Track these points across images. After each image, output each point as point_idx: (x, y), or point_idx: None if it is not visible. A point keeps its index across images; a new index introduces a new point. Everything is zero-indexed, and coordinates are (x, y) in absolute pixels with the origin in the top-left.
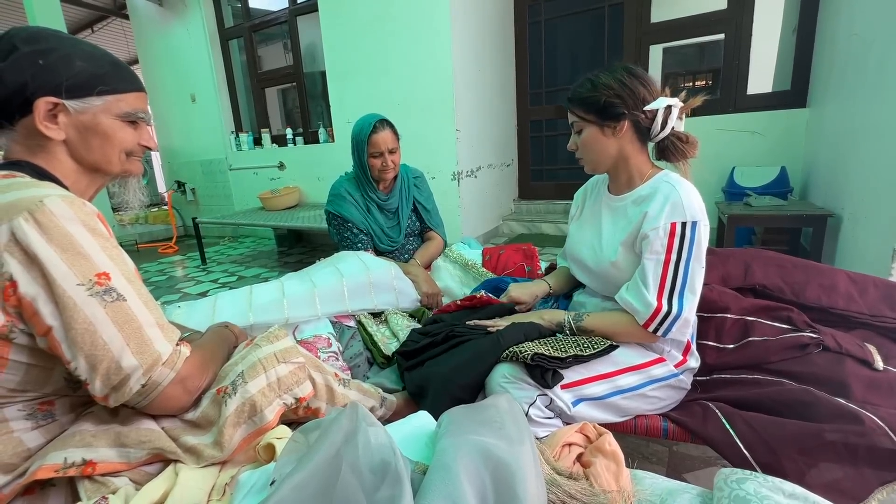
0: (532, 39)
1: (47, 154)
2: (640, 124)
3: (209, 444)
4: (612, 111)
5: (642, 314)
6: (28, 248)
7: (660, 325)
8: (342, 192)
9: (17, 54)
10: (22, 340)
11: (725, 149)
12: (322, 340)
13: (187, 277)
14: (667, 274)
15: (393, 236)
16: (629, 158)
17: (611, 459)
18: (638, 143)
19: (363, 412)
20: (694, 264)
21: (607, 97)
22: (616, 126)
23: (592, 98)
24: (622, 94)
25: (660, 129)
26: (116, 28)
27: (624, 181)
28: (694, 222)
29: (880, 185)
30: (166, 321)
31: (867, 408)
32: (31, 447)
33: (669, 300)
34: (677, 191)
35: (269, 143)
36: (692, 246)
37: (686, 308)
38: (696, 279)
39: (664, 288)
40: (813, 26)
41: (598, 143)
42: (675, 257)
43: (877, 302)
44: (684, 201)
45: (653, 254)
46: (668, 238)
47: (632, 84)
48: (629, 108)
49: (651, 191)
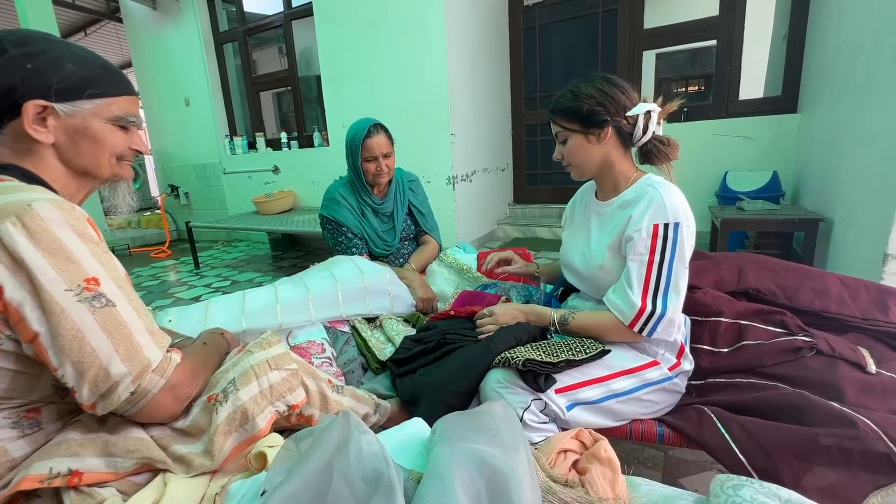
0: (527, 44)
1: (36, 158)
2: (622, 130)
3: (199, 452)
4: (595, 119)
5: (627, 314)
6: (15, 252)
7: (645, 325)
8: (337, 196)
9: (6, 57)
10: (8, 347)
11: (718, 153)
12: (316, 346)
13: (180, 282)
14: (650, 275)
15: (388, 240)
16: (614, 164)
17: (607, 466)
18: (621, 148)
19: (355, 421)
20: (677, 265)
21: (589, 105)
22: (600, 133)
23: (575, 107)
24: (603, 102)
25: (641, 133)
26: (110, 31)
27: (610, 186)
28: (676, 223)
29: (870, 190)
30: (157, 327)
31: (861, 411)
32: (16, 457)
33: (654, 300)
34: (660, 193)
35: (263, 146)
36: (675, 247)
37: (670, 308)
38: (679, 280)
39: (648, 288)
40: (803, 33)
41: (583, 150)
42: (659, 258)
43: (868, 305)
44: (667, 203)
45: (636, 255)
46: (651, 239)
47: (612, 92)
48: (611, 114)
49: (635, 195)
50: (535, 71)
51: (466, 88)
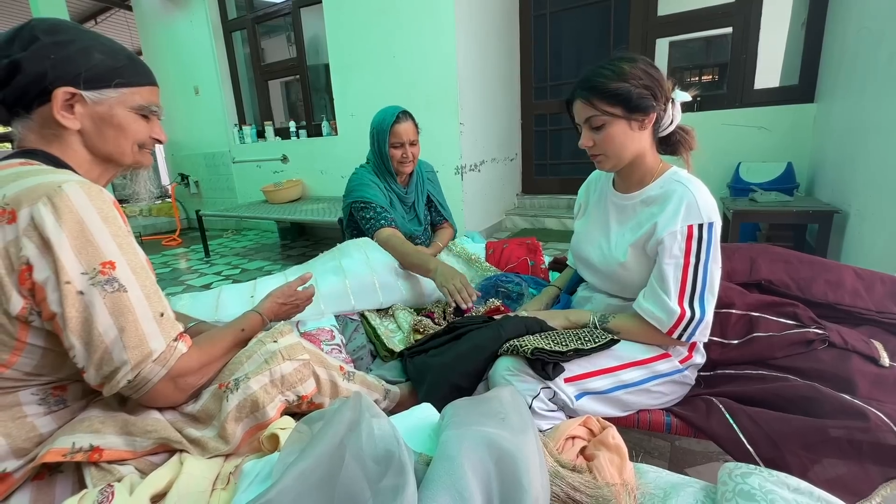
0: (537, 33)
1: (62, 143)
2: (660, 118)
3: (212, 437)
4: (643, 103)
5: (665, 322)
6: (43, 233)
7: (684, 331)
8: (366, 181)
9: (37, 45)
10: (39, 324)
11: (731, 144)
12: (325, 333)
13: (191, 270)
14: (686, 278)
15: (411, 229)
16: (646, 155)
17: (614, 453)
18: (652, 138)
19: (367, 402)
20: (712, 265)
21: (637, 88)
22: (644, 120)
23: (622, 89)
24: (651, 85)
25: (669, 122)
26: (120, 19)
27: (636, 179)
28: (710, 223)
29: (888, 182)
30: (171, 314)
31: (872, 404)
32: (44, 433)
33: (691, 304)
34: (691, 191)
35: (272, 136)
36: (710, 247)
37: (708, 311)
38: (714, 280)
39: (685, 292)
40: (822, 20)
41: (625, 137)
42: (695, 260)
43: (883, 298)
44: (699, 202)
45: (672, 258)
46: (685, 242)
47: (657, 75)
48: (657, 99)
49: (661, 191)
50: (545, 60)
51: (475, 77)
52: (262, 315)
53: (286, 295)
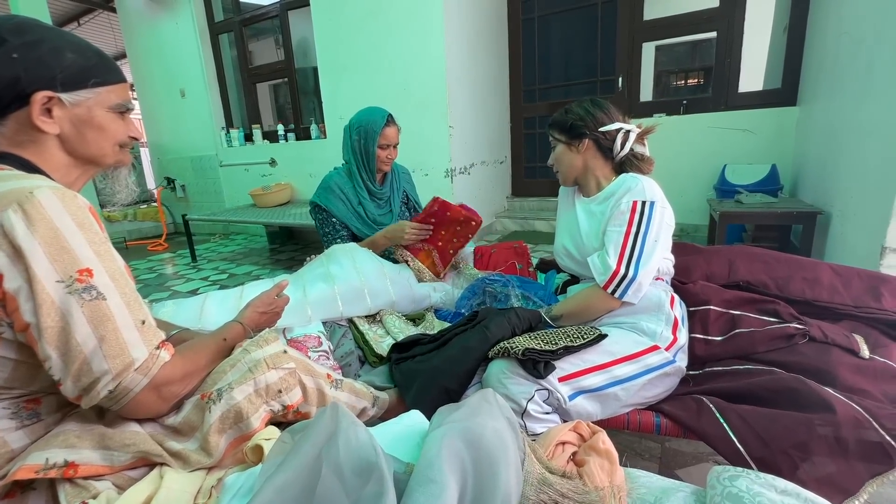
0: (525, 36)
1: (37, 147)
2: (600, 142)
3: (195, 449)
4: (576, 131)
5: (603, 276)
6: (14, 240)
7: (617, 287)
8: (332, 185)
9: (6, 46)
10: (10, 335)
11: (717, 146)
12: (312, 339)
13: (177, 275)
14: (626, 243)
15: (385, 223)
16: (594, 170)
17: (605, 458)
18: (601, 158)
19: (343, 411)
20: (650, 239)
21: (573, 120)
22: (580, 143)
23: (563, 121)
24: (584, 118)
25: (619, 148)
26: (103, 21)
27: (592, 186)
28: (652, 202)
29: (869, 183)
30: (152, 321)
31: (853, 397)
32: (15, 448)
33: (627, 265)
34: (639, 179)
35: (260, 139)
36: (649, 222)
37: (640, 273)
38: (652, 252)
39: (623, 255)
40: (804, 25)
41: (566, 157)
42: (635, 230)
43: (861, 293)
44: (644, 186)
45: (616, 226)
46: (629, 213)
47: (593, 111)
48: (590, 129)
49: (616, 187)
50: (534, 63)
51: (465, 80)
52: (243, 325)
53: (265, 303)
